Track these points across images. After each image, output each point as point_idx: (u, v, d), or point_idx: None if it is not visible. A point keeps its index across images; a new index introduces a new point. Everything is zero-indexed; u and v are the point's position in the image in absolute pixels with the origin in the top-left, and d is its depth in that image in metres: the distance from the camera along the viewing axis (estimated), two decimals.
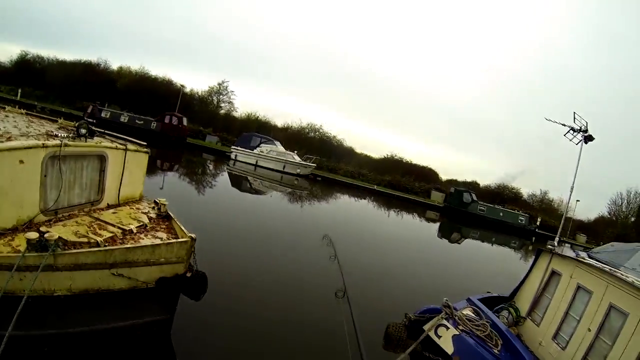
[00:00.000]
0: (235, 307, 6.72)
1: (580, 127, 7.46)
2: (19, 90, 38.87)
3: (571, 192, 7.52)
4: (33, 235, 3.68)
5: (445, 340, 4.98)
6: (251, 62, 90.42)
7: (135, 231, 5.11)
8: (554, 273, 6.32)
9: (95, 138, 5.99)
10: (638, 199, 48.13)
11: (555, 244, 6.68)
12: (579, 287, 5.53)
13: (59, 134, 5.31)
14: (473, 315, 5.74)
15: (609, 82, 79.11)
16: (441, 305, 5.45)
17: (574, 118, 7.50)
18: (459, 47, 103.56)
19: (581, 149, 7.43)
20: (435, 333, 5.12)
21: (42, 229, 4.35)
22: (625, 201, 48.66)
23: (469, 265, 17.05)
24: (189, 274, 4.53)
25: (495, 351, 4.88)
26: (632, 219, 47.36)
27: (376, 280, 10.35)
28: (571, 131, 7.56)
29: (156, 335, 4.73)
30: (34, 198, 4.61)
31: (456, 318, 5.27)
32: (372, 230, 19.42)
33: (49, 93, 44.09)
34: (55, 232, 4.23)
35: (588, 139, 7.45)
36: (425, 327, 5.29)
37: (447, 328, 5.06)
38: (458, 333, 4.97)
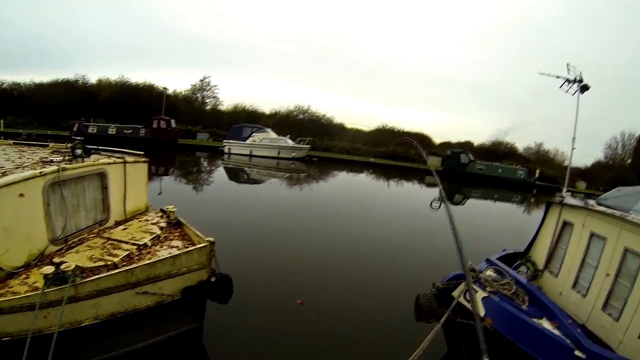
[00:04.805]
0: (263, 304, 6.70)
1: (575, 78, 7.31)
2: (1, 121, 37.85)
3: (573, 142, 7.39)
4: (48, 269, 3.54)
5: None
6: (227, 52, 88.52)
7: (149, 244, 5.03)
8: (565, 224, 6.32)
9: (91, 156, 5.85)
10: (633, 141, 48.01)
11: (564, 195, 6.62)
12: (592, 235, 5.55)
13: (55, 159, 5.16)
14: (496, 275, 5.71)
15: (592, 28, 78.15)
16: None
17: (568, 69, 7.34)
18: (438, 10, 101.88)
19: (578, 99, 7.28)
20: (465, 298, 5.01)
21: (56, 260, 4.24)
22: (621, 144, 48.76)
23: (476, 225, 17.08)
24: (213, 279, 4.44)
25: (524, 307, 4.88)
26: (629, 161, 47.40)
27: (393, 254, 10.34)
28: (566, 82, 7.41)
29: (188, 345, 4.68)
30: (40, 230, 4.48)
31: (482, 280, 5.20)
32: (374, 203, 19.39)
33: (33, 118, 43.01)
34: (68, 260, 4.14)
35: (584, 88, 7.28)
36: (455, 294, 5.17)
37: (476, 291, 4.95)
38: (486, 295, 4.91)
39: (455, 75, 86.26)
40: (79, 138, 6.50)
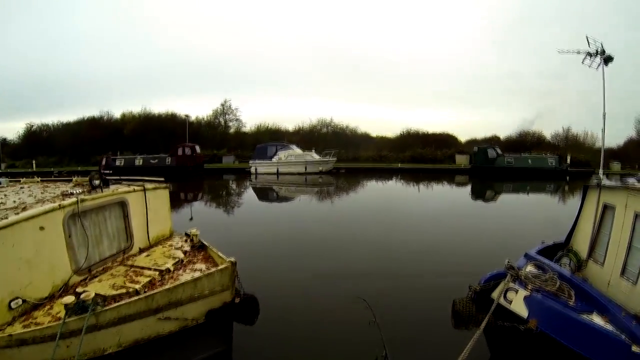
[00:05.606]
0: (293, 320, 6.47)
1: (597, 50, 6.97)
2: (33, 162, 39.75)
3: (604, 118, 7.03)
4: (69, 299, 3.54)
5: (517, 304, 4.59)
6: (246, 74, 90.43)
7: (172, 269, 4.98)
8: (606, 207, 5.86)
9: (111, 186, 5.89)
10: None
11: (601, 176, 6.20)
12: (637, 216, 5.07)
13: (74, 192, 5.20)
14: (537, 270, 5.34)
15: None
16: (504, 268, 5.04)
17: (588, 42, 7.00)
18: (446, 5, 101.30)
19: (603, 72, 6.93)
20: (505, 299, 4.72)
21: (79, 289, 4.23)
22: None
23: (511, 220, 16.52)
24: (237, 300, 4.34)
25: (571, 303, 4.47)
26: None
27: (427, 257, 10.02)
28: (588, 57, 7.07)
29: None
30: (63, 261, 4.50)
31: (522, 278, 4.84)
32: (405, 208, 19.04)
33: (62, 156, 45.07)
34: (91, 289, 4.12)
35: (607, 60, 6.94)
36: (494, 295, 4.89)
37: (516, 291, 4.65)
38: (528, 293, 4.58)
39: (472, 68, 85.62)
40: (107, 172, 6.57)
